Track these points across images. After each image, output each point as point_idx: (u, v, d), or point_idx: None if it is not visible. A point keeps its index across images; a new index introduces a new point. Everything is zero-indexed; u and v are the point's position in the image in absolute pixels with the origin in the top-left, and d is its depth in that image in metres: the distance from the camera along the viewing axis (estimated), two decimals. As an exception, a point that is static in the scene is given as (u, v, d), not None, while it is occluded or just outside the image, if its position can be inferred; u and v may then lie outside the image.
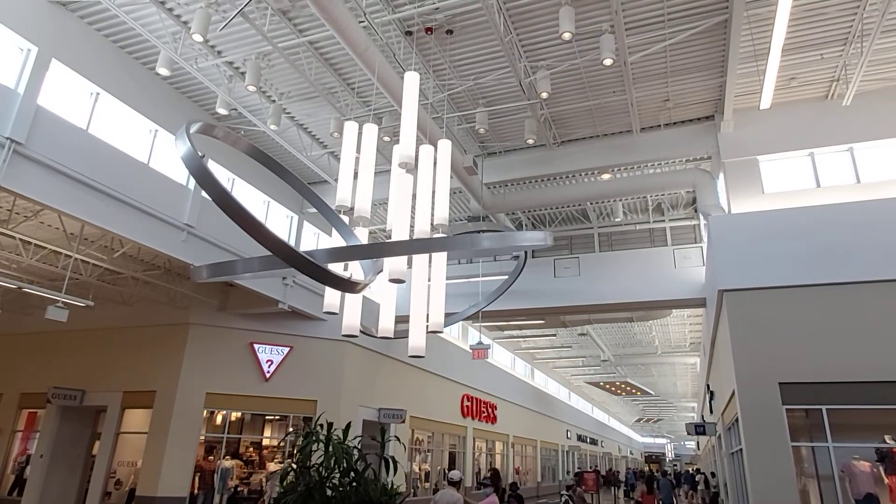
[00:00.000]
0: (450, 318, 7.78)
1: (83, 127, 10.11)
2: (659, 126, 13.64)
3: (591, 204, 17.35)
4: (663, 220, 17.96)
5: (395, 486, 7.02)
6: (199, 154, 5.15)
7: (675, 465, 60.00)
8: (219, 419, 14.59)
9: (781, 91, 12.20)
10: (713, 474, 24.41)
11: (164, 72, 10.89)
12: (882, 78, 11.94)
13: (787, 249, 9.97)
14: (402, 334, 6.74)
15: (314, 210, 15.64)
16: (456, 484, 8.29)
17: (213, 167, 12.17)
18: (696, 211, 16.77)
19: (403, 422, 17.19)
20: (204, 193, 11.45)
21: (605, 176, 15.11)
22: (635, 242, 18.13)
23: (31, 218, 10.39)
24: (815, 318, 9.46)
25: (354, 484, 6.72)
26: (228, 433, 14.58)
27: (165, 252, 10.84)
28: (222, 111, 12.20)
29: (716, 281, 10.60)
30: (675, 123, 13.67)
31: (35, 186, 8.51)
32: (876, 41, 10.07)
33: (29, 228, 10.88)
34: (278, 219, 16.03)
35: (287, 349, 14.76)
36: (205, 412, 13.96)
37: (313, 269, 5.37)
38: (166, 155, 11.89)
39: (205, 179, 5.05)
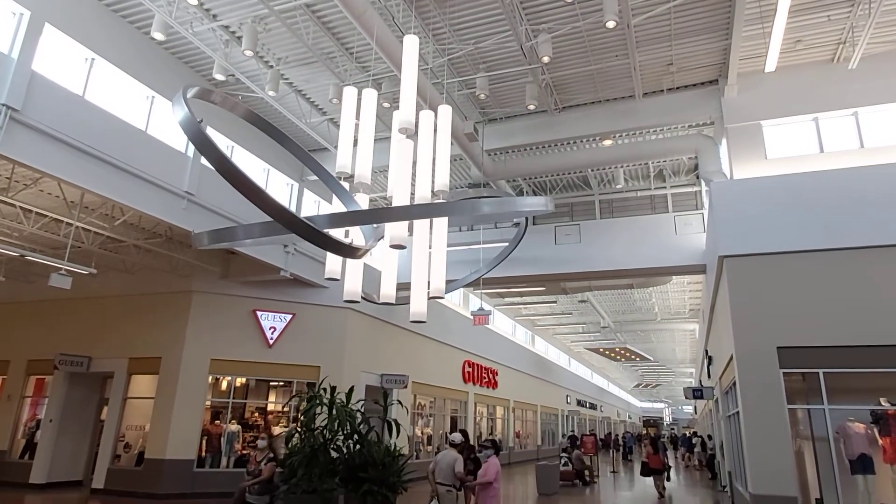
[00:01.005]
0: (451, 284, 7.83)
1: (79, 93, 10.00)
2: (662, 91, 13.47)
3: (593, 171, 17.26)
4: (664, 187, 17.89)
5: (397, 448, 7.19)
6: (197, 119, 5.11)
7: (673, 429, 61.12)
8: (224, 385, 14.82)
9: (787, 54, 12.01)
10: (710, 437, 24.88)
11: (159, 36, 10.71)
12: (889, 40, 11.74)
13: (789, 215, 9.96)
14: (403, 301, 6.80)
15: (314, 177, 15.62)
16: (457, 446, 8.47)
17: (212, 134, 12.07)
18: (697, 177, 16.69)
19: (405, 387, 17.46)
20: (203, 161, 11.41)
21: (607, 142, 15.00)
22: (636, 209, 18.10)
23: (31, 186, 10.36)
24: (815, 284, 9.51)
25: (358, 446, 6.89)
26: (234, 398, 14.83)
27: (166, 220, 10.84)
28: (219, 77, 12.05)
29: (716, 247, 10.62)
30: (677, 88, 13.51)
31: (33, 153, 8.46)
32: (885, 1, 9.87)
33: (29, 196, 10.87)
34: (278, 186, 15.99)
35: (290, 316, 14.90)
36: (210, 378, 14.18)
37: (314, 234, 5.39)
38: (164, 122, 11.80)
39: (203, 144, 5.03)
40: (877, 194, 9.58)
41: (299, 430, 6.92)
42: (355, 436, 6.92)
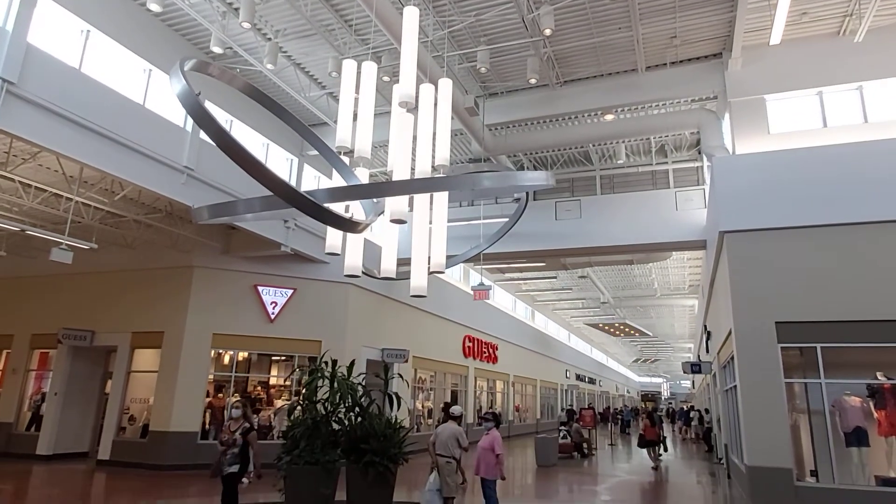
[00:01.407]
0: (451, 259, 7.85)
1: (75, 66, 9.89)
2: (665, 64, 13.31)
3: (594, 146, 17.15)
4: (666, 162, 17.80)
5: (398, 421, 7.28)
6: (195, 92, 5.06)
7: (671, 403, 61.82)
8: (226, 359, 14.95)
9: (792, 27, 11.83)
10: (707, 410, 25.18)
11: (155, 7, 10.54)
12: (897, 13, 11.55)
13: (790, 190, 9.94)
14: (404, 276, 6.83)
15: (314, 152, 15.52)
16: (457, 418, 8.59)
17: (210, 108, 11.98)
18: (699, 153, 16.59)
19: (406, 361, 17.61)
20: (202, 135, 11.34)
21: (609, 117, 14.87)
22: (637, 185, 18.03)
23: (30, 160, 10.32)
24: (814, 259, 9.53)
25: (359, 418, 6.99)
26: (236, 372, 14.98)
27: (165, 194, 10.81)
28: (217, 49, 11.90)
29: (717, 223, 10.62)
30: (681, 62, 13.34)
31: (30, 127, 8.40)
32: (893, -28, 9.69)
33: (28, 171, 10.83)
34: (278, 161, 15.91)
35: (291, 291, 14.96)
36: (212, 352, 14.31)
37: (314, 208, 5.39)
38: (162, 96, 11.68)
39: (202, 117, 4.99)
40: (879, 169, 9.54)
41: (301, 402, 7.00)
42: (356, 408, 7.01)
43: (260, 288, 14.70)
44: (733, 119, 12.63)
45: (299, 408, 6.99)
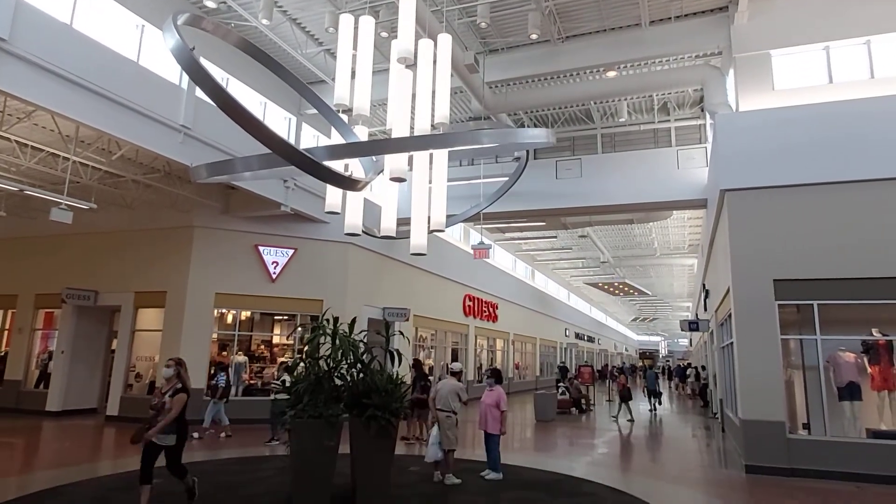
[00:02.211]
0: (451, 218, 7.85)
1: (67, 22, 9.67)
2: (669, 19, 12.99)
3: (595, 104, 16.91)
4: (668, 120, 17.58)
5: (400, 376, 7.42)
6: (189, 47, 4.98)
7: (668, 361, 62.75)
8: (229, 318, 15.13)
9: (801, -22, 11.51)
10: (703, 367, 25.59)
11: (146, -40, 10.25)
12: (910, -38, 11.21)
13: (792, 148, 9.85)
14: (404, 234, 6.84)
15: (313, 111, 15.33)
16: (457, 374, 8.77)
17: (205, 66, 11.78)
18: (702, 110, 16.37)
19: (407, 320, 17.82)
20: (198, 93, 11.19)
21: (611, 73, 14.61)
22: (639, 143, 17.86)
23: (24, 119, 10.21)
24: (815, 217, 9.52)
25: (361, 374, 7.11)
26: (239, 331, 15.18)
27: (162, 154, 10.73)
28: (210, 4, 11.63)
29: (718, 181, 10.57)
30: (686, 16, 13.02)
31: (23, 85, 8.28)
32: (908, -80, 9.37)
33: (23, 130, 10.73)
34: (276, 121, 15.72)
35: (292, 251, 15.02)
36: (215, 311, 14.46)
37: (313, 166, 5.36)
38: (156, 52, 11.47)
39: (196, 72, 4.92)
40: (884, 126, 9.43)
41: (304, 359, 7.11)
42: (358, 365, 7.13)
43: (261, 248, 14.75)
44: (738, 75, 12.41)
45: (302, 364, 7.10)
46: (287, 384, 10.83)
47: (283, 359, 15.34)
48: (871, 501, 7.59)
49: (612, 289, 41.68)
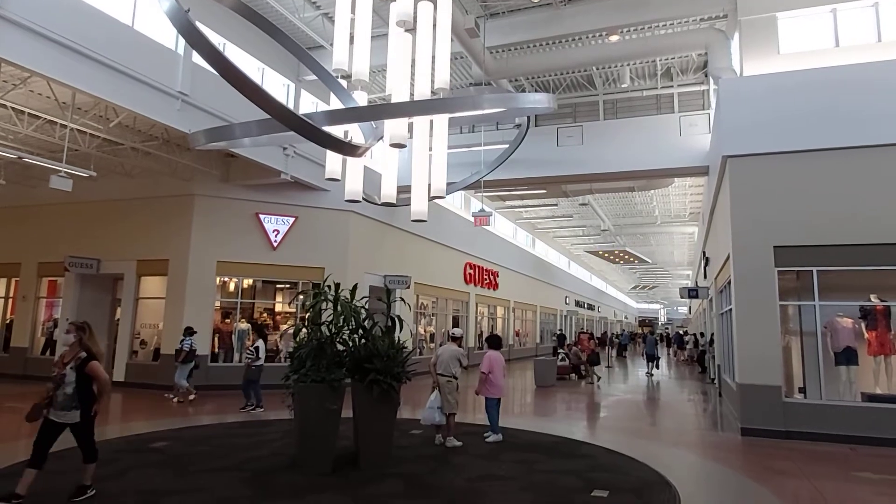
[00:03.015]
0: (451, 186, 7.82)
1: (60, -15, 9.48)
2: (674, -20, 12.71)
3: (597, 69, 16.68)
4: (671, 86, 17.36)
5: (401, 341, 7.50)
6: (184, 8, 4.89)
7: (667, 329, 63.29)
8: (231, 286, 15.23)
9: (810, -63, 11.22)
10: (702, 334, 25.84)
11: (138, -80, 9.99)
12: (923, -80, 10.91)
13: (796, 113, 9.76)
14: (404, 202, 6.84)
15: (311, 77, 15.12)
16: (458, 339, 8.87)
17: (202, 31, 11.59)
18: (706, 76, 16.15)
19: (408, 288, 17.92)
20: (195, 59, 11.04)
21: (614, 38, 14.37)
22: (641, 110, 17.68)
23: (20, 86, 10.10)
24: (816, 183, 9.49)
25: (363, 340, 7.20)
26: (242, 299, 15.30)
27: (160, 120, 10.63)
28: (206, -34, 11.34)
29: (721, 147, 10.50)
30: (691, -24, 12.73)
31: (17, 50, 8.16)
32: None
33: (20, 97, 10.63)
34: (274, 87, 15.53)
35: (292, 219, 15.02)
36: (217, 279, 14.55)
37: (312, 131, 5.33)
38: (151, 18, 11.26)
39: (192, 35, 4.85)
40: (890, 90, 9.31)
41: (306, 324, 7.18)
42: (360, 330, 7.20)
43: (261, 216, 14.75)
44: (743, 38, 12.21)
45: (304, 330, 7.17)
46: (260, 352, 11.04)
47: (284, 326, 15.48)
48: (865, 462, 7.76)
49: (612, 257, 41.76)
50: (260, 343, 11.37)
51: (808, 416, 9.05)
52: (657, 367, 23.32)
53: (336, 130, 6.73)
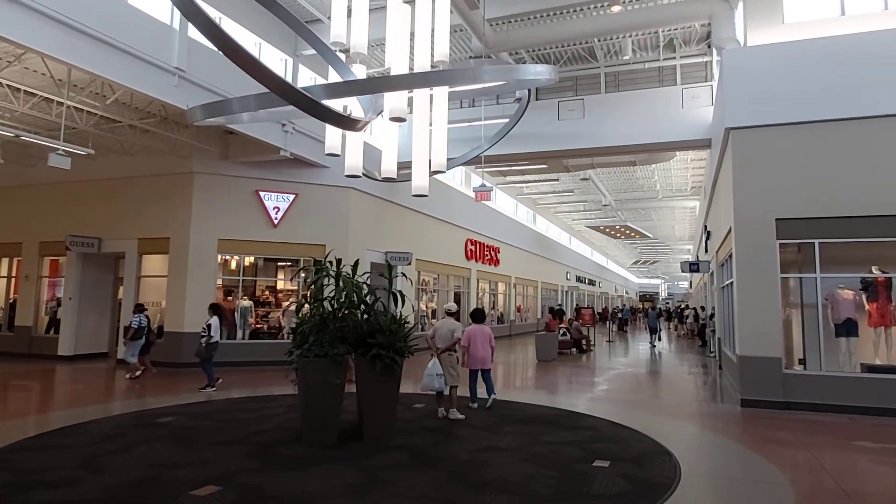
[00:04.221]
0: (452, 161, 7.76)
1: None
2: (678, -53, 12.46)
3: (599, 41, 16.42)
4: (674, 58, 17.12)
5: (403, 316, 7.54)
6: (181, -19, 4.81)
7: (668, 303, 63.54)
8: (233, 264, 15.25)
9: None
10: (702, 308, 25.96)
11: None
12: None
13: (800, 84, 9.64)
14: (405, 178, 6.80)
15: (309, 52, 14.92)
16: (453, 314, 8.94)
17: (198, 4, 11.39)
18: (709, 47, 15.91)
19: (409, 264, 17.94)
20: (191, 33, 10.89)
21: (616, 8, 14.11)
22: (643, 82, 17.46)
23: (15, 63, 9.97)
24: (819, 155, 9.42)
25: (365, 315, 7.23)
26: (244, 276, 15.33)
27: (157, 97, 10.52)
28: (200, -62, 11.11)
29: (723, 119, 10.40)
30: (695, -56, 12.47)
31: (10, 26, 8.04)
32: None
33: (14, 74, 10.50)
34: (272, 62, 15.33)
35: (293, 196, 14.97)
36: (219, 257, 14.56)
37: (311, 105, 5.28)
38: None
39: (189, 9, 4.77)
40: (892, 60, 9.18)
41: (308, 300, 7.20)
42: (362, 306, 7.23)
43: (261, 193, 14.70)
44: (747, 8, 12.00)
45: (307, 305, 7.20)
46: (213, 329, 10.75)
47: (286, 303, 15.55)
48: (863, 432, 7.85)
49: (613, 232, 41.73)
50: (214, 320, 10.90)
51: (808, 388, 9.12)
52: (659, 339, 24.63)
53: (335, 105, 6.67)
